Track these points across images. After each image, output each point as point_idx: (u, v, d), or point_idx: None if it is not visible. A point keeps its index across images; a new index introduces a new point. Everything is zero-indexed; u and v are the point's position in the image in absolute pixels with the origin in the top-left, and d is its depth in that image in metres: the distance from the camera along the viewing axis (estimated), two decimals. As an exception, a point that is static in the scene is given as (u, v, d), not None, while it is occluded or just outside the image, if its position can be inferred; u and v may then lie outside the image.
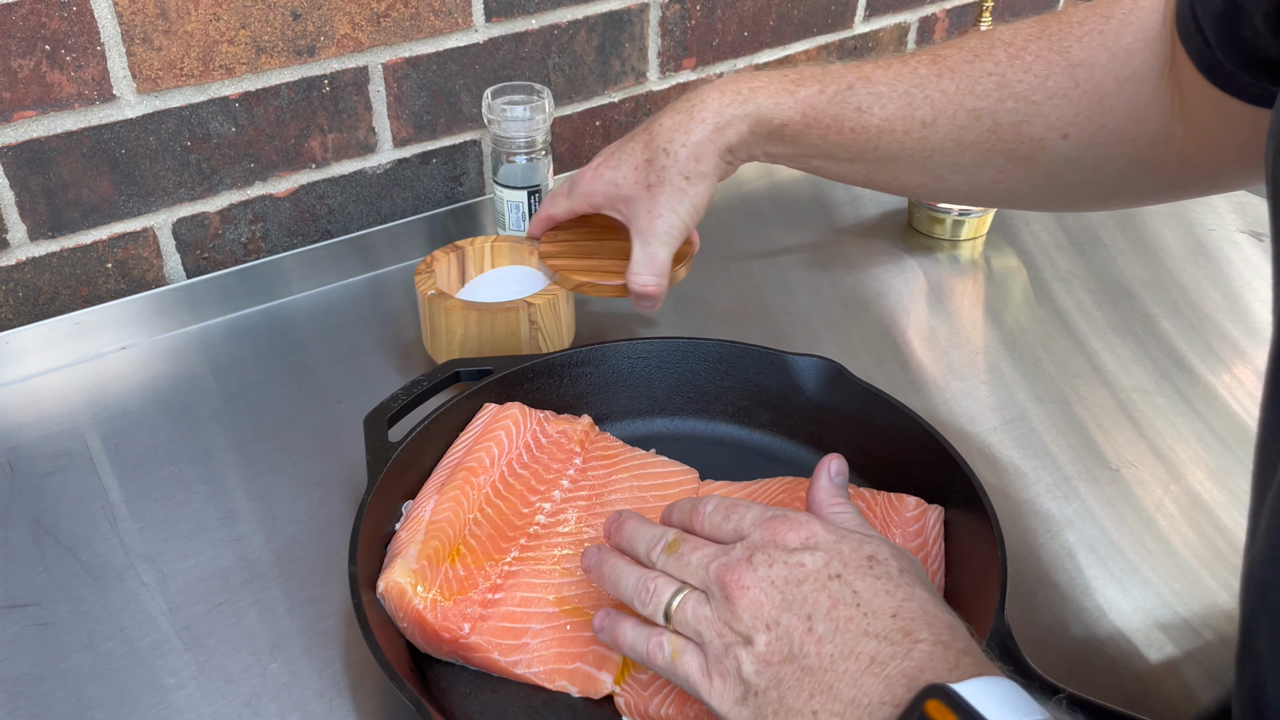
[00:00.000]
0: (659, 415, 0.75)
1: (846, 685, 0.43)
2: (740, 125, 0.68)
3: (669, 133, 0.69)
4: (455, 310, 0.76)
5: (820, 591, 0.45)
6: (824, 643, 0.44)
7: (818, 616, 0.45)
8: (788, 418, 0.73)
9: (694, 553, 0.50)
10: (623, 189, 0.72)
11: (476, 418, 0.69)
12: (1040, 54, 0.60)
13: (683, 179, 0.70)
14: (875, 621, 0.44)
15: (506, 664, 0.57)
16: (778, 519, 0.49)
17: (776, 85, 0.67)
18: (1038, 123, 0.61)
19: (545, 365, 0.72)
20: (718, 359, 0.73)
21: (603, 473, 0.68)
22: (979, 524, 0.59)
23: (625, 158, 0.72)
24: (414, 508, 0.63)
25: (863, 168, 0.68)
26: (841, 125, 0.65)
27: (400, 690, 0.51)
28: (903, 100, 0.64)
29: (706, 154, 0.69)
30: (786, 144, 0.68)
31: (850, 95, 0.65)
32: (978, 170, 0.64)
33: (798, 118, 0.66)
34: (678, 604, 0.49)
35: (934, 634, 0.43)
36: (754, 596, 0.46)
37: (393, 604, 0.57)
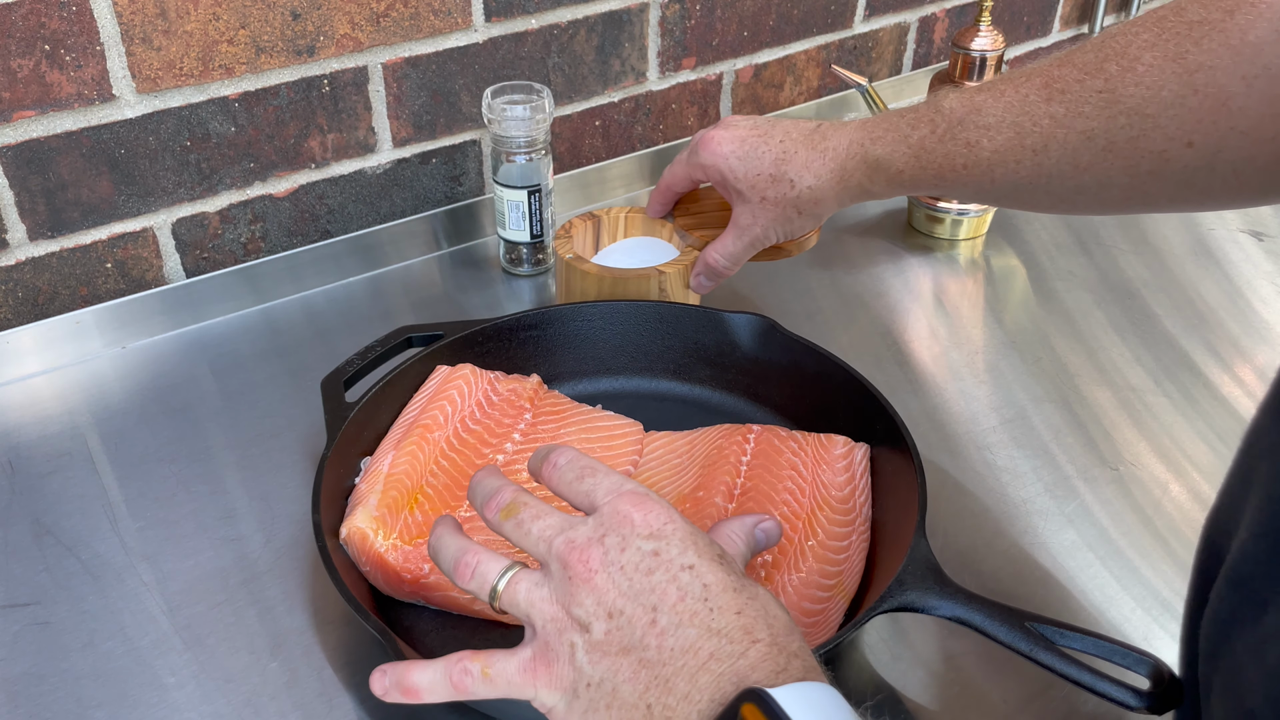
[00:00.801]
0: (604, 375, 0.79)
1: (682, 680, 0.42)
2: (859, 174, 0.71)
3: (800, 167, 0.73)
4: (591, 274, 0.80)
5: (670, 583, 0.43)
6: (666, 636, 0.42)
7: (663, 609, 0.43)
8: (725, 372, 0.77)
9: (535, 521, 0.47)
10: (740, 183, 0.75)
11: (430, 379, 0.72)
12: (1154, 63, 0.58)
13: (795, 211, 0.75)
14: (719, 617, 0.43)
15: (465, 601, 0.60)
16: (635, 495, 0.46)
17: (894, 133, 0.69)
18: (1155, 135, 0.58)
19: (494, 329, 0.75)
20: (658, 319, 0.78)
21: (552, 427, 0.71)
22: (901, 459, 0.64)
23: (755, 159, 0.74)
24: (372, 463, 0.66)
25: (988, 196, 0.68)
26: (954, 163, 0.66)
27: (366, 622, 0.53)
28: (1011, 131, 0.63)
29: (826, 199, 0.73)
30: (905, 185, 0.70)
31: (960, 131, 0.65)
32: (1102, 190, 0.62)
33: (913, 162, 0.68)
34: (505, 584, 0.46)
35: (771, 634, 0.43)
36: (599, 581, 0.44)
37: (355, 548, 0.60)
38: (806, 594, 0.59)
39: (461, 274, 0.96)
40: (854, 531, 0.64)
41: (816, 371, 0.73)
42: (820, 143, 0.72)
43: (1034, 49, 1.41)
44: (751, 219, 0.76)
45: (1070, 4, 1.41)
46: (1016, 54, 1.40)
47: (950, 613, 0.54)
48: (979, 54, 0.94)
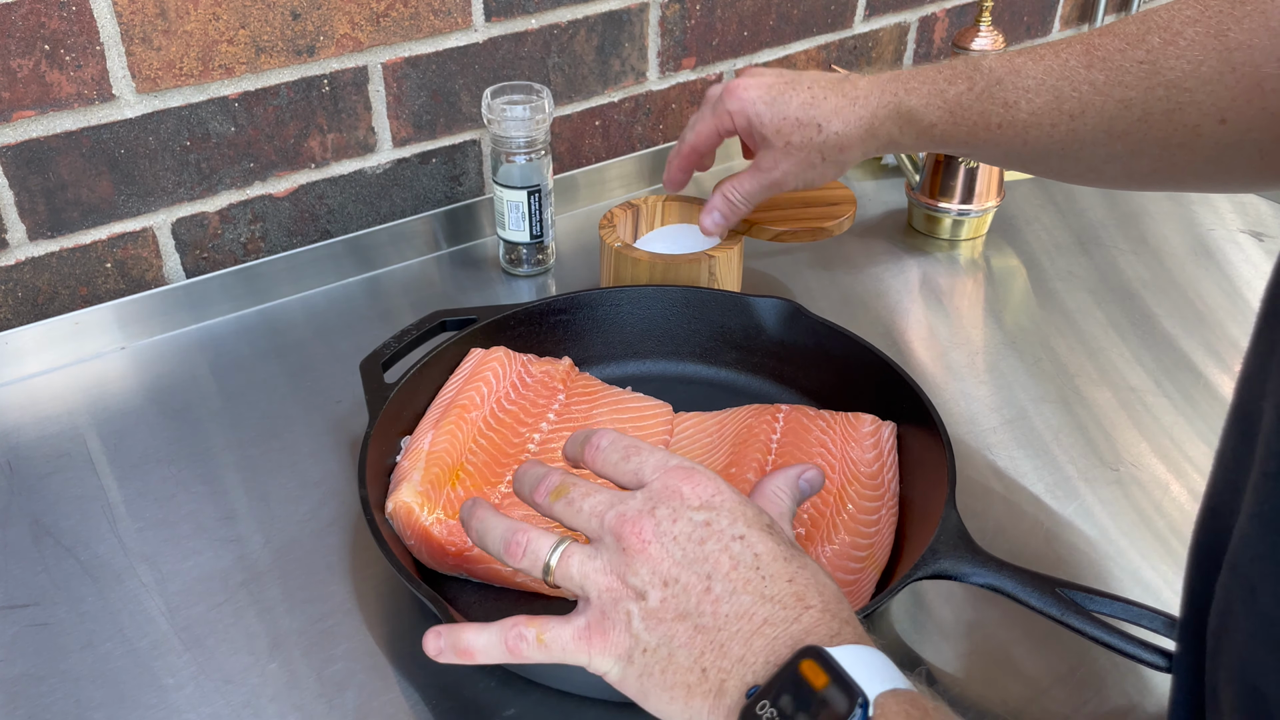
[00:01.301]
0: (632, 358, 0.80)
1: (737, 644, 0.43)
2: (891, 125, 0.71)
3: (829, 113, 0.71)
4: (642, 261, 0.81)
5: (723, 552, 0.45)
6: (720, 602, 0.44)
7: (717, 576, 0.44)
8: (751, 355, 0.79)
9: (585, 499, 0.48)
10: (767, 128, 0.74)
11: (465, 361, 0.74)
12: (1196, 39, 0.59)
13: (819, 156, 0.74)
14: (772, 585, 0.44)
15: (508, 573, 0.62)
16: (682, 470, 0.47)
17: (930, 85, 0.69)
18: (1191, 110, 0.59)
19: (525, 314, 0.77)
20: (685, 304, 0.79)
21: (584, 407, 0.73)
22: (929, 436, 0.65)
23: (783, 103, 0.73)
24: (413, 441, 0.68)
25: (1016, 160, 0.69)
26: (989, 121, 0.66)
27: (416, 590, 0.55)
28: (1050, 94, 0.64)
29: (852, 146, 0.72)
30: (935, 141, 0.70)
31: (998, 91, 0.65)
32: (1133, 159, 0.64)
33: (947, 117, 0.68)
34: (558, 558, 0.47)
35: (823, 601, 0.44)
36: (654, 551, 0.45)
37: (400, 522, 0.62)
38: (840, 565, 0.61)
39: (461, 274, 0.96)
40: (883, 506, 0.65)
41: (842, 353, 0.74)
42: (850, 90, 0.72)
43: (1034, 49, 1.41)
44: (773, 162, 0.75)
45: (1070, 4, 1.41)
46: (1017, 54, 1.39)
47: (983, 580, 0.55)
48: (979, 54, 0.94)
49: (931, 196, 0.99)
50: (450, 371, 0.73)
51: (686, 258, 0.82)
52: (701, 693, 0.43)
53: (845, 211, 0.88)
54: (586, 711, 0.56)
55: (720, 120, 0.76)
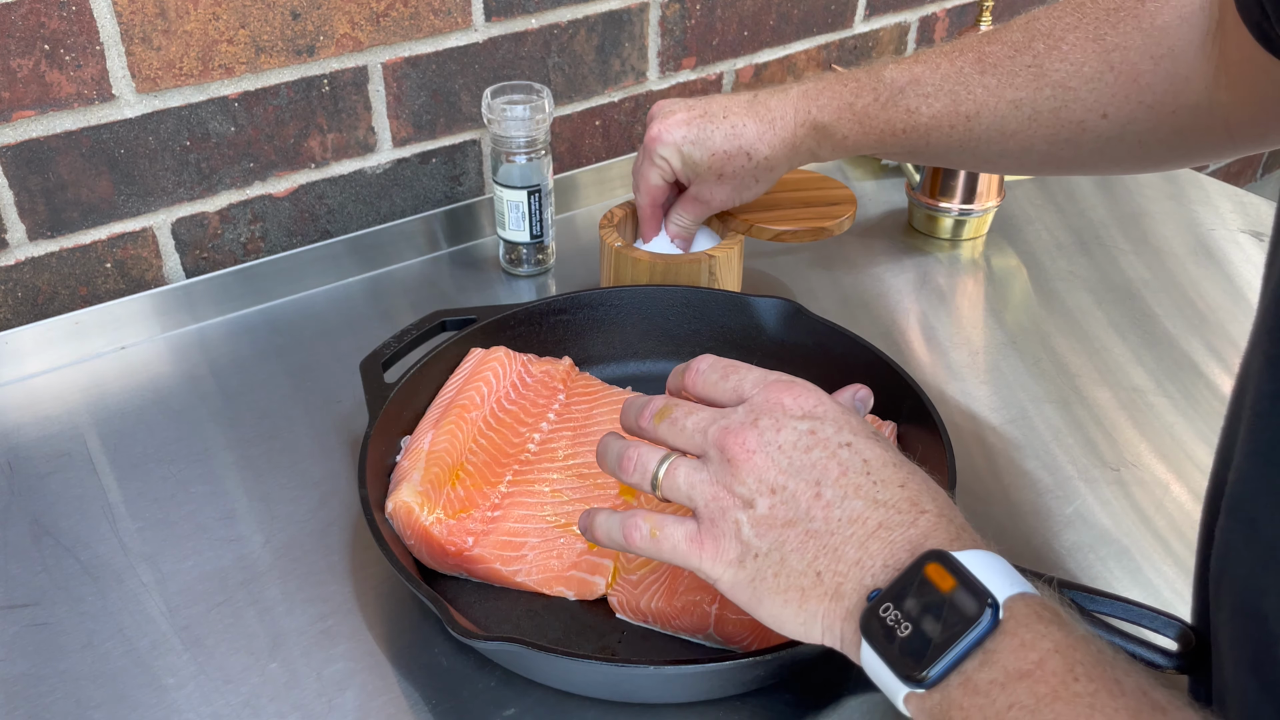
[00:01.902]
0: (633, 358, 0.80)
1: (852, 548, 0.43)
2: (809, 140, 0.76)
3: (753, 140, 0.76)
4: (642, 261, 0.82)
5: (830, 459, 0.45)
6: (831, 507, 0.44)
7: (826, 482, 0.45)
8: (751, 355, 0.77)
9: (688, 417, 0.49)
10: (699, 166, 0.78)
11: (465, 361, 0.74)
12: (1077, 43, 0.64)
13: (753, 180, 0.79)
14: (884, 490, 0.44)
15: (508, 573, 0.62)
16: (783, 383, 0.49)
17: (838, 100, 0.73)
18: (1075, 107, 0.64)
19: (526, 313, 0.77)
20: (685, 303, 0.79)
21: (585, 407, 0.73)
22: (930, 436, 0.65)
23: (708, 140, 0.76)
24: (413, 441, 0.68)
25: (921, 158, 0.75)
26: (894, 128, 0.71)
27: (416, 590, 0.55)
28: (948, 99, 0.69)
29: (778, 166, 0.78)
30: (848, 149, 0.75)
31: (900, 99, 0.71)
32: (1024, 154, 0.69)
33: (857, 128, 0.73)
34: (665, 469, 0.48)
35: (938, 506, 0.44)
36: (759, 461, 0.45)
37: (400, 522, 0.62)
38: None
39: (461, 274, 0.96)
40: None
41: (842, 353, 0.74)
42: (766, 113, 0.76)
43: (1034, 49, 1.41)
44: (710, 192, 0.80)
45: (1071, 4, 1.41)
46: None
47: None
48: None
49: (932, 196, 0.99)
50: (450, 371, 0.73)
51: (686, 258, 0.82)
52: (817, 595, 0.44)
53: (845, 211, 0.88)
54: (586, 711, 0.56)
55: (659, 169, 0.80)
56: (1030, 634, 0.39)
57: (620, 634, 0.60)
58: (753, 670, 0.54)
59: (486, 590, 0.63)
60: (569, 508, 0.66)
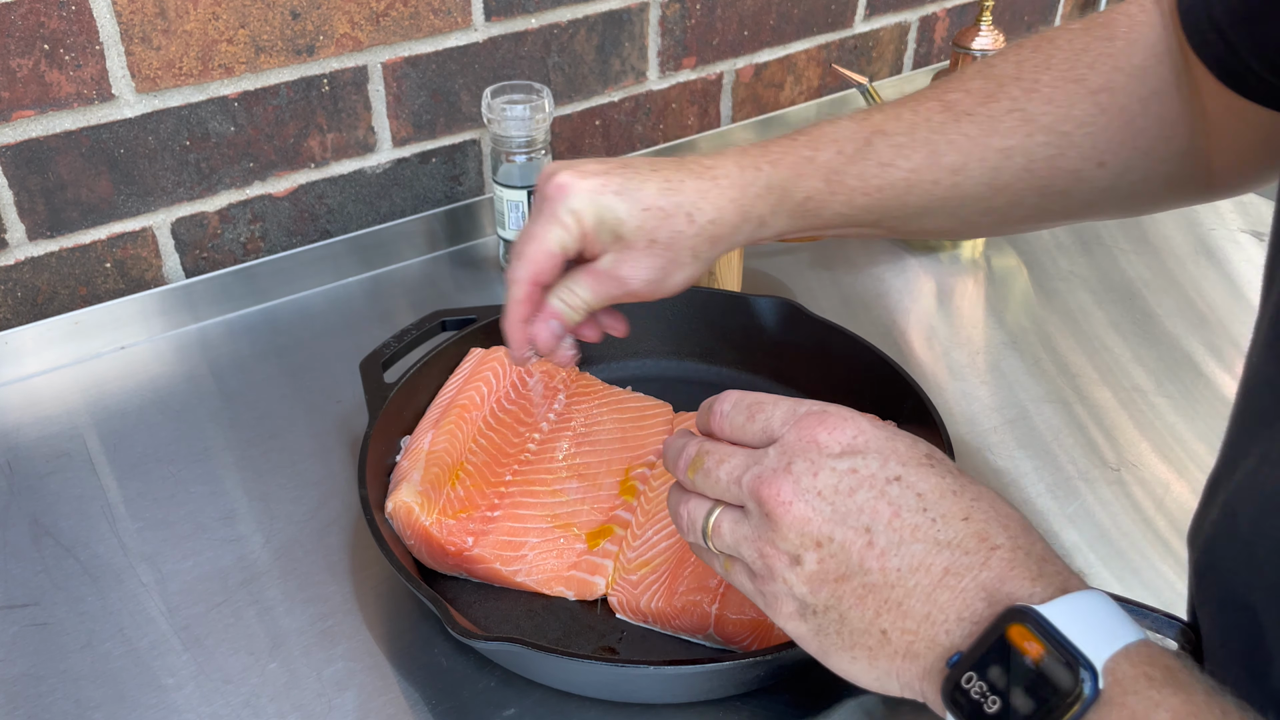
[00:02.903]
0: (632, 358, 0.81)
1: (918, 601, 0.39)
2: (763, 205, 0.58)
3: (695, 197, 0.56)
4: None
5: (879, 499, 0.41)
6: (887, 556, 0.40)
7: (878, 527, 0.41)
8: (751, 355, 0.79)
9: (720, 466, 0.45)
10: (624, 225, 0.56)
11: (465, 361, 0.74)
12: (1056, 84, 0.57)
13: (691, 255, 0.58)
14: (946, 527, 0.40)
15: (508, 573, 0.62)
16: (814, 415, 0.44)
17: (793, 155, 0.58)
18: (1072, 154, 0.57)
19: None
20: (685, 303, 0.78)
21: (585, 407, 0.74)
22: (930, 436, 0.64)
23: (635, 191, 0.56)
24: (413, 441, 0.68)
25: (886, 226, 0.61)
26: (867, 185, 0.58)
27: (416, 591, 0.55)
28: (925, 149, 0.58)
29: (724, 236, 0.58)
30: (808, 217, 0.59)
31: (869, 151, 0.58)
32: (1010, 210, 0.60)
33: (821, 186, 0.58)
34: (712, 527, 0.45)
35: (1010, 538, 0.40)
36: (799, 512, 0.42)
37: (400, 522, 0.62)
38: None
39: (461, 274, 0.96)
40: None
41: (842, 352, 0.74)
42: (704, 170, 0.57)
43: (1034, 49, 1.41)
44: (633, 267, 0.57)
45: (1070, 3, 1.41)
46: (1017, 54, 1.39)
47: None
48: (980, 53, 0.94)
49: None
50: (450, 371, 0.73)
51: None
52: (887, 655, 0.40)
53: None
54: (586, 711, 0.56)
55: (565, 228, 0.56)
56: (1141, 703, 0.34)
57: (620, 634, 0.60)
58: (753, 670, 0.54)
59: (486, 590, 0.63)
60: (569, 508, 0.66)
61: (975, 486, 0.42)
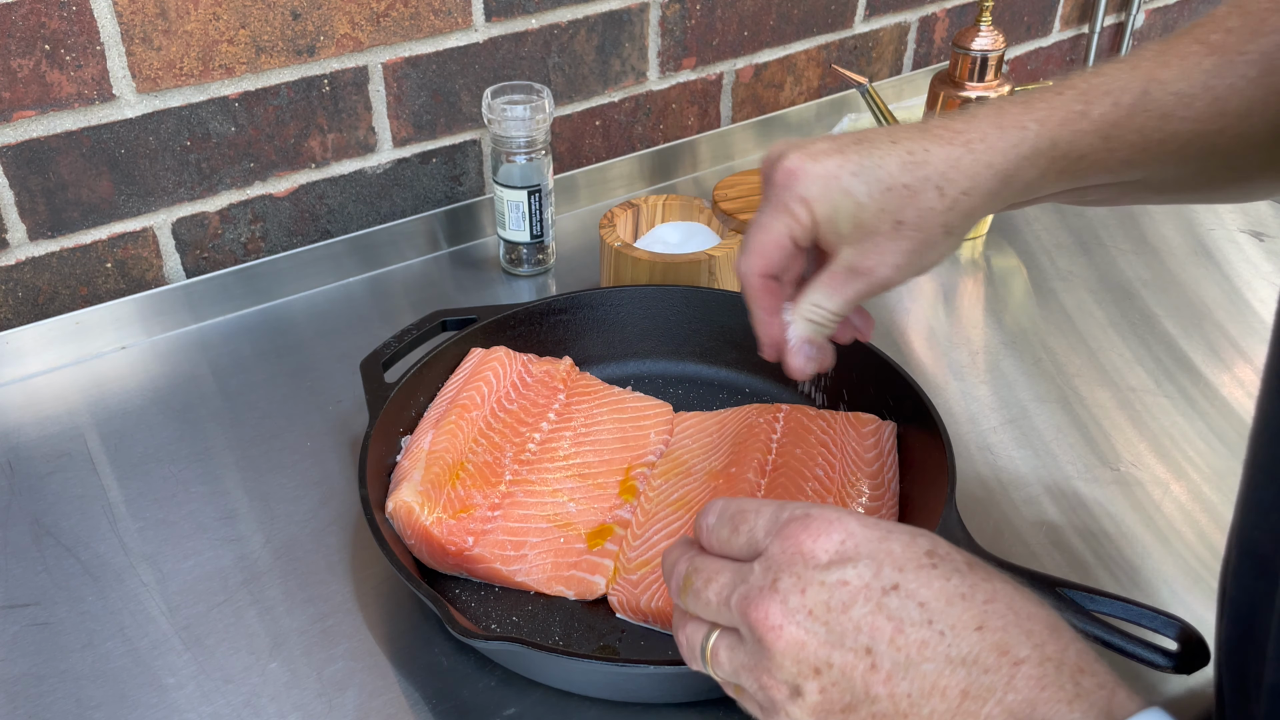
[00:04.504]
0: (633, 358, 0.80)
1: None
2: (1030, 169, 0.51)
3: (946, 166, 0.50)
4: (642, 260, 0.82)
5: (876, 613, 0.37)
6: (895, 680, 0.36)
7: (880, 647, 0.36)
8: (751, 354, 0.76)
9: (708, 587, 0.41)
10: (865, 210, 0.50)
11: (465, 361, 0.74)
12: None
13: (943, 233, 0.51)
14: (958, 641, 0.36)
15: (508, 573, 0.62)
16: (796, 522, 0.39)
17: (1062, 111, 0.51)
18: None
19: (526, 313, 0.77)
20: (685, 303, 0.79)
21: (585, 407, 0.74)
22: (929, 435, 0.65)
23: (876, 170, 0.50)
24: (413, 441, 0.68)
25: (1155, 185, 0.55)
26: (1148, 141, 0.51)
27: (417, 590, 0.55)
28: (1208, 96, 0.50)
29: (981, 211, 0.52)
30: (1078, 177, 0.53)
31: (1149, 102, 0.51)
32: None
33: (1099, 143, 0.51)
34: (710, 655, 0.42)
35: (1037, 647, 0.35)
36: (790, 635, 0.38)
37: (400, 522, 0.62)
38: None
39: (461, 274, 0.96)
40: (884, 505, 0.65)
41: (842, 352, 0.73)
42: (956, 135, 0.51)
43: (1034, 49, 1.41)
44: (880, 255, 0.51)
45: (1070, 4, 1.41)
46: (1016, 54, 1.40)
47: None
48: (979, 54, 0.94)
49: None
50: (450, 371, 0.74)
51: (686, 258, 0.82)
52: None
53: None
54: (586, 711, 0.56)
55: (794, 218, 0.51)
56: None
57: (620, 634, 0.60)
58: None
59: (486, 590, 0.63)
60: (569, 508, 0.66)
61: (988, 584, 0.38)
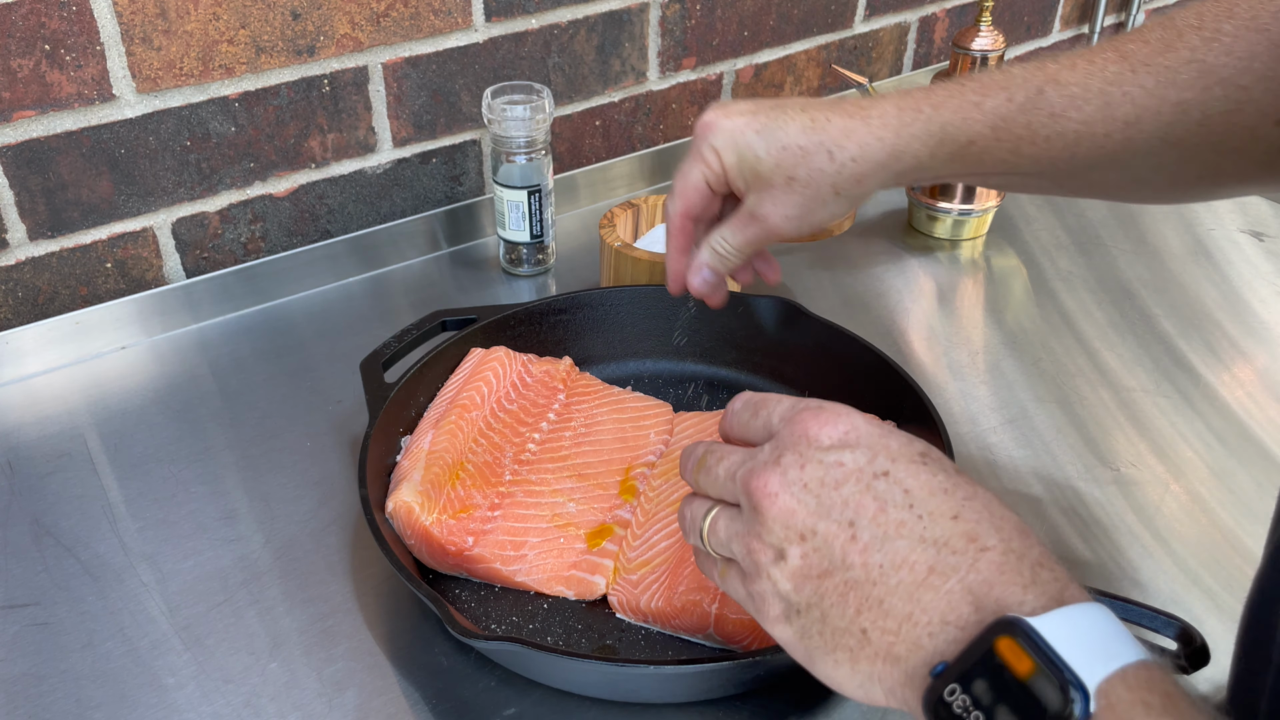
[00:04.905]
0: (632, 358, 0.80)
1: (900, 600, 0.38)
2: (920, 147, 0.58)
3: (840, 134, 0.58)
4: (642, 260, 0.82)
5: (864, 493, 0.40)
6: (870, 551, 0.39)
7: (862, 522, 0.40)
8: (751, 354, 0.79)
9: (719, 463, 0.45)
10: (762, 163, 0.59)
11: (465, 361, 0.74)
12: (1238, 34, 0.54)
13: (831, 192, 0.59)
14: (933, 525, 0.39)
15: (508, 573, 0.62)
16: (809, 410, 0.43)
17: (959, 100, 0.58)
18: (1249, 109, 0.54)
19: (526, 313, 0.77)
20: (685, 304, 0.78)
21: (585, 407, 0.74)
22: (930, 436, 0.64)
23: (778, 130, 0.59)
24: (413, 441, 0.68)
25: (1051, 180, 0.61)
26: (1035, 135, 0.58)
27: (417, 590, 0.55)
28: (1099, 101, 0.56)
29: (869, 175, 0.59)
30: (969, 163, 0.60)
31: (1041, 100, 0.57)
32: (1182, 167, 0.58)
33: (987, 132, 0.58)
34: (709, 525, 0.45)
35: (1003, 540, 0.38)
36: (784, 503, 0.41)
37: (400, 522, 0.62)
38: None
39: (461, 274, 0.96)
40: None
41: (842, 352, 0.74)
42: (858, 111, 0.59)
43: (1034, 49, 1.41)
44: (772, 207, 0.60)
45: (1070, 4, 1.41)
46: (1016, 54, 1.40)
47: None
48: (979, 54, 0.94)
49: (932, 196, 0.99)
50: (450, 371, 0.74)
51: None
52: (868, 657, 0.39)
53: None
54: (586, 711, 0.56)
55: (707, 165, 0.61)
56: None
57: (620, 634, 0.60)
58: (753, 670, 0.54)
59: (486, 590, 0.63)
60: (569, 508, 0.66)
61: (970, 486, 0.41)
